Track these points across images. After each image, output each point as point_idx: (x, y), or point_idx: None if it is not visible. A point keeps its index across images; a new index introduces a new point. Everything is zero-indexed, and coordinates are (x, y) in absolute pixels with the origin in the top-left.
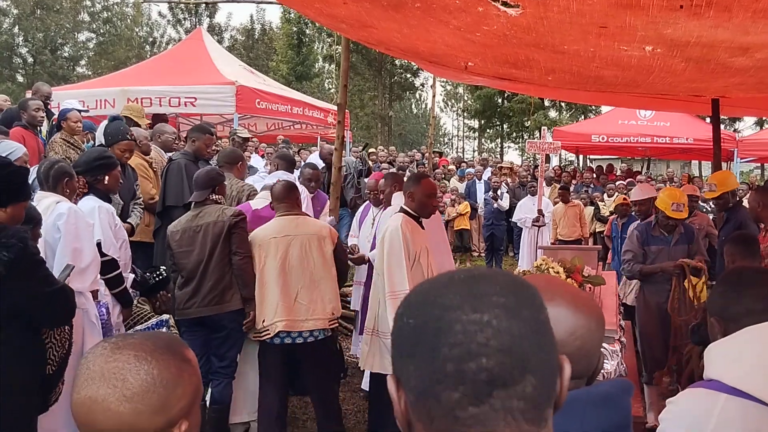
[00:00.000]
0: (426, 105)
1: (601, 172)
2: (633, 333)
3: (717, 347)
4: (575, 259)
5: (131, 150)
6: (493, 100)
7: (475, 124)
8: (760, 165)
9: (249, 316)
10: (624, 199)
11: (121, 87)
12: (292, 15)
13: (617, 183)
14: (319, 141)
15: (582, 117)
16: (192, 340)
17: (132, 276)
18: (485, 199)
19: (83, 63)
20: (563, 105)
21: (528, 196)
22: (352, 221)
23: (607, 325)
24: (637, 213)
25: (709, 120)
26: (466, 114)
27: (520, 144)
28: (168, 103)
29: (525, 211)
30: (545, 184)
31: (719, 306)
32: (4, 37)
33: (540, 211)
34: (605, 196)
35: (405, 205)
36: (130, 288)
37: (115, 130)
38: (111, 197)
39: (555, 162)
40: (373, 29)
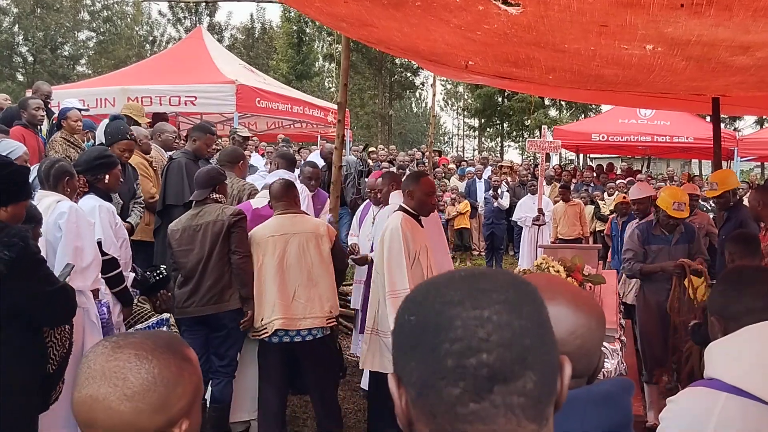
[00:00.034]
0: (426, 104)
1: (602, 170)
2: (633, 332)
3: (717, 346)
4: (575, 258)
5: (131, 150)
6: (494, 98)
7: (476, 122)
8: (760, 164)
9: (246, 315)
10: (624, 198)
11: (122, 86)
12: (292, 14)
13: (617, 182)
14: (320, 140)
15: (582, 116)
16: (192, 339)
17: (132, 275)
18: (485, 198)
19: (83, 62)
20: (563, 104)
21: (528, 195)
22: (351, 220)
23: (608, 324)
24: (636, 212)
25: (710, 119)
26: (466, 113)
27: (520, 143)
28: (168, 102)
29: (525, 210)
30: (545, 183)
31: (719, 305)
32: (4, 36)
33: (540, 210)
34: (605, 194)
35: (404, 204)
36: (130, 287)
37: (115, 129)
38: (111, 196)
39: (555, 161)
40: (374, 28)
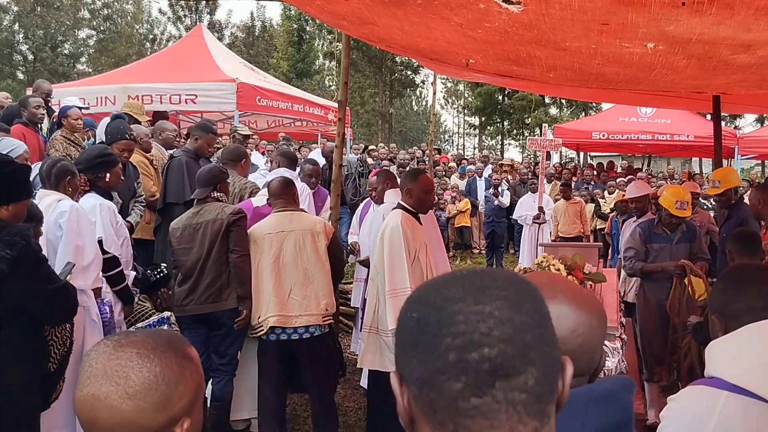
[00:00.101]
0: (426, 102)
1: (602, 169)
2: (633, 330)
3: (718, 345)
4: (576, 257)
5: (131, 149)
6: (494, 97)
7: (476, 121)
8: (760, 162)
9: (242, 314)
10: (624, 196)
11: (122, 84)
12: (292, 12)
13: (618, 180)
14: (320, 138)
15: (583, 114)
16: (192, 337)
17: (133, 273)
18: (486, 197)
19: (84, 60)
20: (564, 102)
21: (529, 193)
22: (350, 220)
23: (608, 323)
24: (634, 210)
25: (710, 117)
26: (466, 111)
27: (520, 141)
28: (169, 101)
29: (526, 209)
30: (546, 181)
31: (720, 303)
32: (4, 35)
33: (541, 209)
34: (606, 193)
35: (403, 202)
36: (131, 285)
37: (116, 128)
38: (112, 195)
39: (556, 159)
40: (374, 26)
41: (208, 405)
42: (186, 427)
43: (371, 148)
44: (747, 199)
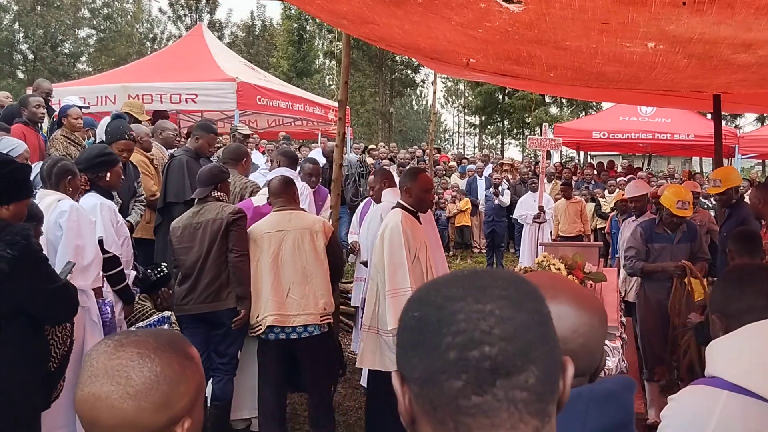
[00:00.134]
0: (427, 101)
1: (602, 168)
2: (634, 329)
3: (718, 344)
4: (576, 256)
5: (130, 150)
6: (494, 96)
7: (476, 120)
8: (761, 161)
9: (240, 314)
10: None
11: (122, 83)
12: (292, 11)
13: (618, 179)
14: (320, 137)
15: (583, 113)
16: (192, 336)
17: (134, 273)
18: (486, 196)
19: (84, 59)
20: (564, 101)
21: (529, 192)
22: (350, 220)
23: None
24: (633, 209)
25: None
26: (466, 110)
27: (521, 140)
28: (169, 100)
29: (526, 208)
30: (546, 180)
31: (720, 303)
32: (4, 34)
33: (541, 208)
34: (606, 192)
35: (402, 201)
36: (131, 285)
37: (115, 129)
38: (112, 194)
39: (556, 158)
40: (375, 25)
41: (208, 404)
42: (187, 427)
43: (371, 147)
44: (747, 199)
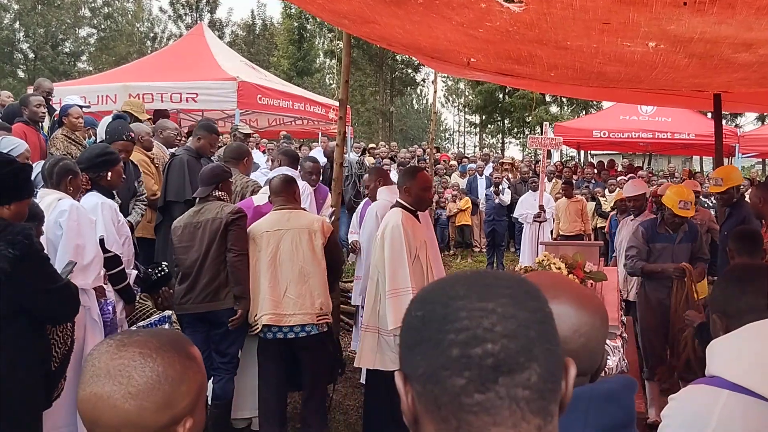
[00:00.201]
0: (427, 100)
1: (603, 167)
2: (634, 329)
3: (719, 344)
4: (577, 255)
5: (128, 151)
6: (495, 95)
7: (477, 119)
8: (761, 160)
9: (237, 313)
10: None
11: (123, 83)
12: (293, 10)
13: (618, 178)
14: (320, 136)
15: (583, 112)
16: (193, 335)
17: (135, 272)
18: (486, 195)
19: (84, 58)
20: (564, 100)
21: (529, 191)
22: (349, 220)
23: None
24: (632, 208)
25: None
26: (467, 109)
27: (521, 139)
28: (170, 99)
29: (526, 207)
30: (546, 179)
31: (721, 303)
32: (5, 33)
33: (541, 207)
34: (606, 191)
35: (401, 200)
36: (132, 284)
37: (114, 129)
38: (114, 194)
39: (556, 157)
40: (376, 25)
41: (208, 404)
42: (188, 427)
43: (371, 146)
44: (748, 198)
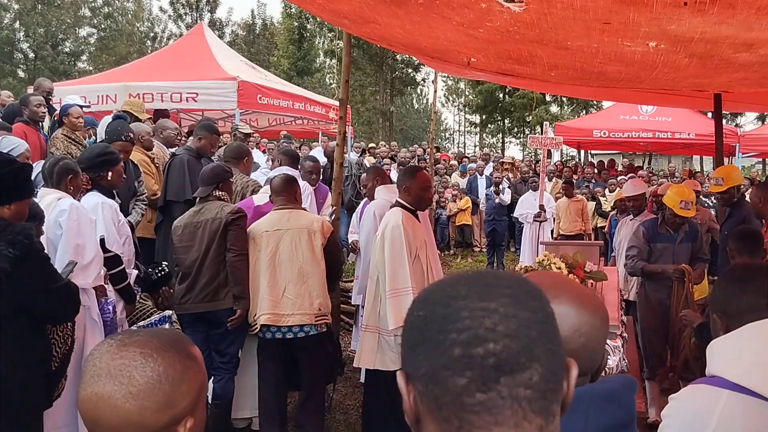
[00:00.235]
0: (427, 100)
1: (603, 167)
2: (634, 328)
3: (719, 343)
4: (577, 255)
5: (127, 151)
6: (495, 95)
7: (477, 119)
8: (761, 160)
9: (236, 313)
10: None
11: (123, 82)
12: (293, 10)
13: (619, 178)
14: (321, 136)
15: (583, 112)
16: (193, 335)
17: (135, 272)
18: (487, 195)
19: (84, 58)
20: (565, 100)
21: (530, 191)
22: (349, 220)
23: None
24: (631, 208)
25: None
26: (467, 109)
27: (521, 139)
28: (170, 99)
29: (526, 207)
30: (547, 179)
31: (721, 302)
32: (5, 33)
33: (542, 207)
34: (606, 191)
35: (401, 199)
36: (133, 284)
37: (113, 130)
38: (114, 193)
39: (557, 157)
40: (376, 25)
41: (208, 403)
42: (189, 427)
43: (371, 146)
44: (748, 197)
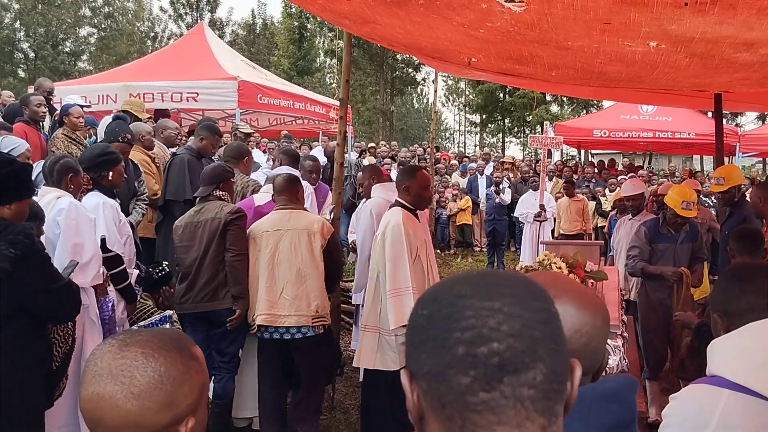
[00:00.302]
0: (427, 100)
1: (603, 166)
2: (635, 328)
3: (719, 343)
4: (578, 255)
5: (125, 152)
6: (495, 94)
7: (477, 118)
8: (761, 159)
9: (235, 313)
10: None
11: (123, 82)
12: (293, 10)
13: (619, 178)
14: (321, 136)
15: (584, 112)
16: (193, 334)
17: (136, 272)
18: (487, 194)
19: (85, 58)
20: (565, 100)
21: (530, 191)
22: (348, 220)
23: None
24: (630, 208)
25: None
26: (467, 109)
27: (521, 139)
28: (170, 99)
29: (527, 206)
30: (547, 178)
31: (721, 302)
32: (5, 32)
33: (542, 206)
34: (607, 191)
35: (400, 199)
36: (134, 284)
37: (111, 130)
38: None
39: (557, 157)
40: (376, 25)
41: (209, 403)
42: (191, 426)
43: (371, 146)
44: (748, 197)
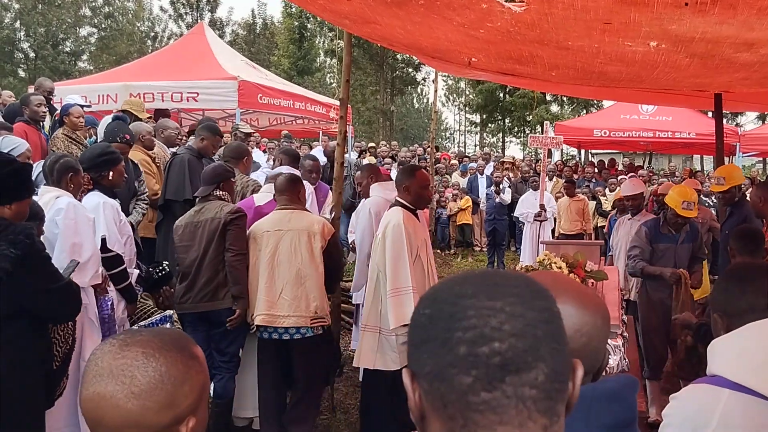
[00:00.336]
0: (428, 99)
1: (603, 166)
2: (635, 328)
3: (720, 343)
4: (577, 255)
5: (123, 153)
6: (495, 94)
7: (477, 118)
8: (761, 159)
9: (235, 313)
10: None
11: (124, 82)
12: (293, 9)
13: (619, 177)
14: (321, 136)
15: (584, 111)
16: (194, 334)
17: (136, 272)
18: (487, 194)
19: (85, 58)
20: (565, 99)
21: (530, 190)
22: (348, 220)
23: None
24: (630, 207)
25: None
26: (467, 108)
27: (521, 139)
28: (170, 99)
29: (527, 206)
30: (547, 178)
31: (722, 302)
32: (5, 32)
33: (542, 206)
34: (607, 190)
35: (400, 199)
36: (134, 283)
37: (110, 131)
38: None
39: (557, 156)
40: (377, 25)
41: (209, 402)
42: (191, 426)
43: (371, 146)
44: (748, 197)
